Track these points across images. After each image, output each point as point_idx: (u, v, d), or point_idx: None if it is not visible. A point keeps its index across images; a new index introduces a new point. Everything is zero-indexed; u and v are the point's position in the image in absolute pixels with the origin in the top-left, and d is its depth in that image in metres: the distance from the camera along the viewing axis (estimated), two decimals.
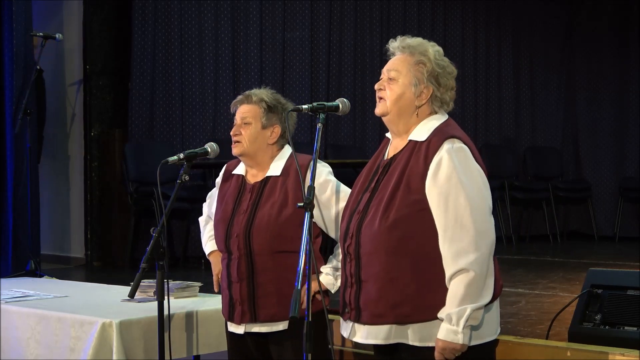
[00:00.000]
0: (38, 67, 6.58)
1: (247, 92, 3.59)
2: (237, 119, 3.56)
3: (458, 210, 2.81)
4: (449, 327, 2.77)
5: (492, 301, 2.90)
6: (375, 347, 3.01)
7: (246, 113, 3.52)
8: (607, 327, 3.71)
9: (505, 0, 10.55)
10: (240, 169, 3.60)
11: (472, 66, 10.26)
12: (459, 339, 2.77)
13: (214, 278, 3.62)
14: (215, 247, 3.66)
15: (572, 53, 10.92)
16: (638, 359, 3.44)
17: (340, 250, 3.11)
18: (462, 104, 10.01)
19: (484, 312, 2.86)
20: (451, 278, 2.80)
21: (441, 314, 2.81)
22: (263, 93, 3.56)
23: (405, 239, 2.85)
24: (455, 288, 2.79)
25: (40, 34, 6.69)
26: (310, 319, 2.83)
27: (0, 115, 6.66)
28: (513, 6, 10.62)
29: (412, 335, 2.87)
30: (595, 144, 10.69)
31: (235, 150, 3.53)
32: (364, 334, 2.94)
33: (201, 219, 3.84)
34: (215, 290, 3.62)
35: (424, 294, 2.84)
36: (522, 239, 10.02)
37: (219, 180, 3.67)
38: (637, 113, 10.30)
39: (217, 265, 3.61)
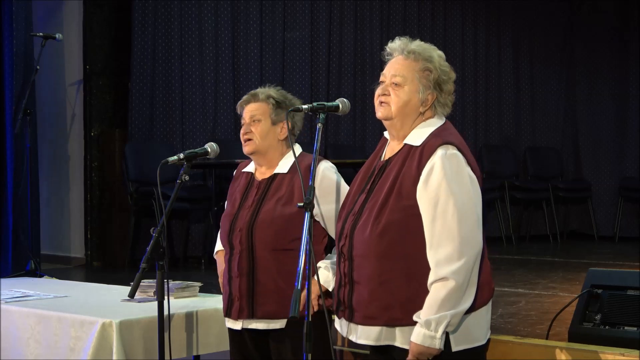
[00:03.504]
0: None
1: (252, 92, 3.57)
2: (246, 118, 3.52)
3: (446, 218, 2.80)
4: (427, 332, 2.77)
5: (482, 306, 2.90)
6: (370, 346, 3.01)
7: (255, 111, 3.50)
8: (607, 327, 3.71)
9: (505, 0, 10.55)
10: (250, 167, 3.61)
11: (472, 66, 10.26)
12: (436, 344, 2.78)
13: (220, 279, 3.61)
14: (221, 247, 3.65)
15: (572, 53, 10.92)
16: (638, 359, 3.44)
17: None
18: (462, 104, 10.01)
19: (474, 316, 2.87)
20: (432, 283, 2.80)
21: (418, 318, 2.81)
22: (269, 90, 3.55)
23: (395, 244, 2.85)
24: (435, 294, 2.78)
25: (40, 34, 6.69)
26: (310, 319, 2.83)
27: (0, 115, 6.66)
28: (513, 6, 10.61)
29: (402, 337, 2.87)
30: (595, 144, 10.70)
31: (247, 149, 3.51)
32: (357, 334, 2.95)
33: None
34: (222, 291, 3.59)
35: (413, 298, 2.84)
36: (522, 239, 10.02)
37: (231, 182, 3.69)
38: (637, 113, 10.30)
39: (221, 265, 3.60)
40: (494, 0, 10.50)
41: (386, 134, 3.13)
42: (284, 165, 3.49)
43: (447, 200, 2.81)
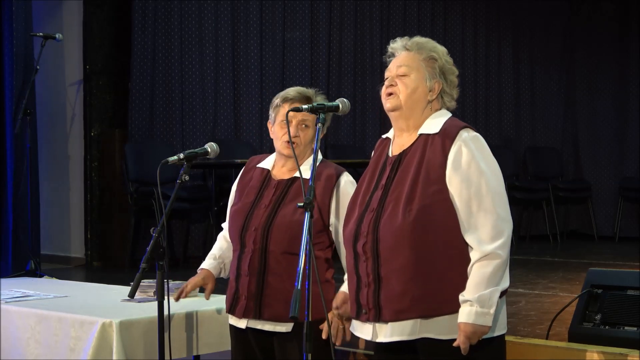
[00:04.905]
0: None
1: (304, 92, 3.45)
2: (294, 119, 3.38)
3: (481, 197, 2.83)
4: (480, 309, 2.75)
5: (504, 294, 2.90)
6: (384, 345, 2.95)
7: (307, 115, 3.34)
8: (607, 327, 3.71)
9: (505, 0, 10.55)
10: (266, 163, 3.54)
11: (472, 66, 10.26)
12: (488, 321, 2.77)
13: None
14: (206, 266, 3.59)
15: (572, 53, 10.93)
16: (638, 359, 3.44)
17: (346, 257, 3.07)
18: (462, 104, 10.01)
19: (501, 303, 2.87)
20: (476, 262, 2.79)
21: (466, 297, 2.78)
22: (321, 96, 3.44)
23: (429, 230, 2.84)
24: (481, 271, 2.78)
25: (40, 34, 6.69)
26: (310, 319, 2.83)
27: (0, 115, 6.66)
28: (513, 6, 10.62)
29: (440, 328, 2.84)
30: (595, 144, 10.70)
31: (288, 151, 3.39)
32: (388, 332, 2.89)
33: (220, 235, 3.73)
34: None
35: (448, 285, 2.82)
36: (522, 239, 10.02)
37: (240, 174, 3.60)
38: (637, 113, 10.31)
39: (194, 280, 3.55)
40: (494, 0, 10.50)
41: (387, 134, 3.12)
42: (307, 170, 3.34)
43: (480, 179, 2.85)
